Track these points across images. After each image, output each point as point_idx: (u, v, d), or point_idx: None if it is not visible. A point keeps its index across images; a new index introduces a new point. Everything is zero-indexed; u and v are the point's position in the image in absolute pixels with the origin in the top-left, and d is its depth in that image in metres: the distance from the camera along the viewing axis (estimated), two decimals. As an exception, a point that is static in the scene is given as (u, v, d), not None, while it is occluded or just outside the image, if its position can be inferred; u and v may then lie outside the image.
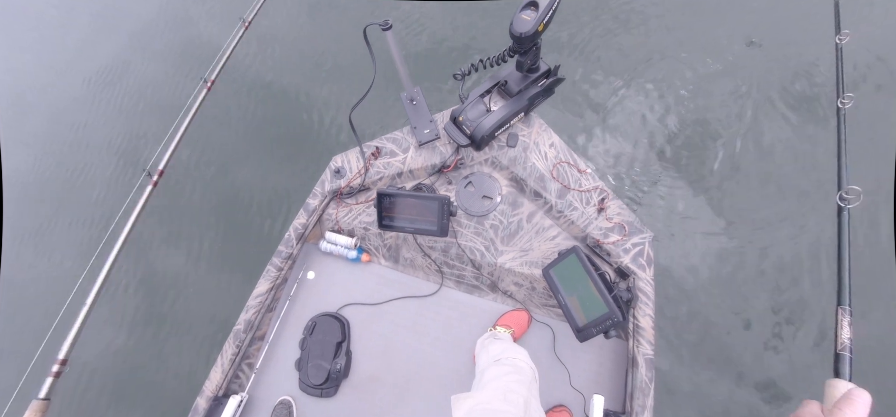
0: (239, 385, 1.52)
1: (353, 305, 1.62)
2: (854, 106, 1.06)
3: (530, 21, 1.24)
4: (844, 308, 0.75)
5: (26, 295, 2.84)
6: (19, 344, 2.66)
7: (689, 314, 2.13)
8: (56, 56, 4.10)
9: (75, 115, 3.58)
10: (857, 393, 0.55)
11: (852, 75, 2.58)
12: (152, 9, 4.06)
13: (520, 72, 1.49)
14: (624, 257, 1.41)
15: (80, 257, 2.85)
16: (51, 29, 4.38)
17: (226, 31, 1.78)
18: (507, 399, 0.99)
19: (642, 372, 1.29)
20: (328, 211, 1.69)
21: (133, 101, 3.50)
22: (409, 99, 1.68)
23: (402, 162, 1.65)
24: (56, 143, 3.46)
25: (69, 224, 3.03)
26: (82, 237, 2.94)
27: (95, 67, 3.80)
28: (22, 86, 3.99)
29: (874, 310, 1.98)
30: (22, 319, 2.76)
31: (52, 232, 3.03)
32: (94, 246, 1.25)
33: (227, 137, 3.13)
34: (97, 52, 3.93)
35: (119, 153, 3.24)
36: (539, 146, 1.59)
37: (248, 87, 3.33)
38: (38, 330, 2.62)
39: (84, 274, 1.19)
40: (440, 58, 3.14)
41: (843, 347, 0.70)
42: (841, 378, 0.67)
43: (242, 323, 1.50)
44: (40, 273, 2.88)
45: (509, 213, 1.58)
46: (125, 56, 3.80)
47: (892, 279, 1.98)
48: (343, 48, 3.36)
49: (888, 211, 2.12)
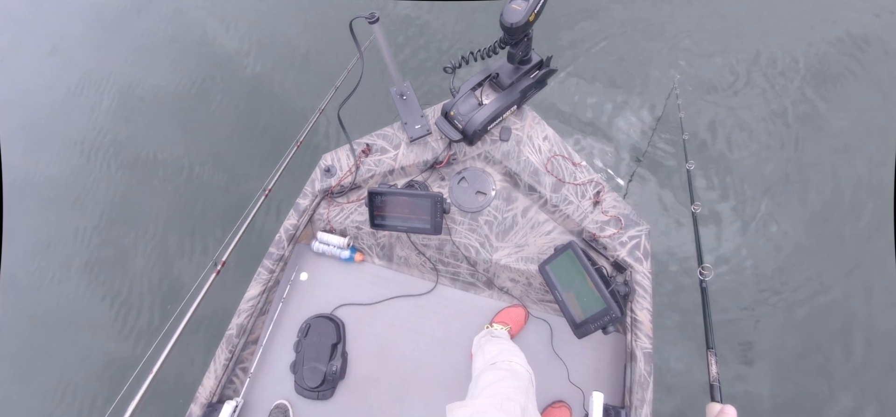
0: (233, 390, 1.49)
1: (347, 306, 1.59)
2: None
3: (521, 11, 1.20)
4: (712, 350, 1.00)
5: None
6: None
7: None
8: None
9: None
10: (729, 410, 0.82)
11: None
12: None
13: (511, 64, 1.45)
14: (620, 250, 1.39)
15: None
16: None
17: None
18: (504, 408, 0.97)
19: (641, 366, 1.28)
20: (319, 211, 1.66)
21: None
22: (399, 94, 1.64)
23: (393, 158, 1.61)
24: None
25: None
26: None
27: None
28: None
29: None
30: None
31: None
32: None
33: (218, 131, 3.08)
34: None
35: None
36: (532, 139, 1.56)
37: (236, 82, 3.27)
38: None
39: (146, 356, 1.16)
40: (430, 51, 3.09)
41: (714, 379, 0.95)
42: (715, 401, 0.91)
43: (235, 328, 1.48)
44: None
45: (504, 209, 1.55)
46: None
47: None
48: (329, 42, 3.30)
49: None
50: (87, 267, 2.85)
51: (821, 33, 2.76)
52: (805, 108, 2.55)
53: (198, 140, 3.15)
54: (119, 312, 2.67)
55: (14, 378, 2.65)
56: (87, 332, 2.66)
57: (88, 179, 3.19)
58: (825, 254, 2.15)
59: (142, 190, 3.05)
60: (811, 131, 2.48)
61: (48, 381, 2.58)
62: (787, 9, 2.90)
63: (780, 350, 2.01)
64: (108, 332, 2.62)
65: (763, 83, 2.67)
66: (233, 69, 3.40)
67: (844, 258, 2.13)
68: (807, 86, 2.61)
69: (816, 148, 2.43)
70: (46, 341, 2.71)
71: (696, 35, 2.88)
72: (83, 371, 2.56)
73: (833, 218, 2.23)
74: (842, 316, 2.03)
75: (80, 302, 2.75)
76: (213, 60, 3.48)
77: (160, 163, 3.12)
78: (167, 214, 2.92)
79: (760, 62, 2.74)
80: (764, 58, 2.75)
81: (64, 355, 2.63)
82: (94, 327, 2.66)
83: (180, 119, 3.27)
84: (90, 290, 2.77)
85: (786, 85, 2.63)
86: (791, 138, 2.47)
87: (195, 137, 3.17)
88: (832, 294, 2.07)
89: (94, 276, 2.81)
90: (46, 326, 2.75)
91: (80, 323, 2.70)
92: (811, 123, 2.50)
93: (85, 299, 2.75)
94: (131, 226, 2.92)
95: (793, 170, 2.38)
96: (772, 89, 2.64)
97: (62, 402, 2.50)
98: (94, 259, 2.87)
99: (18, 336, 2.77)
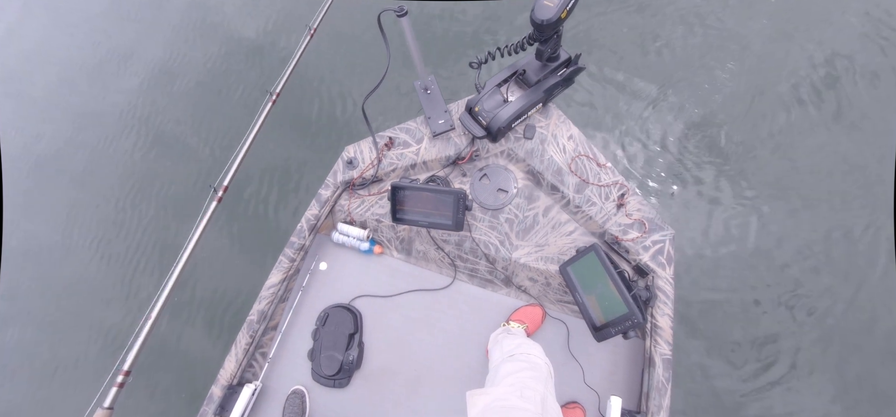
0: (253, 374, 1.53)
1: (365, 297, 1.61)
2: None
3: (553, 7, 1.18)
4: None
5: (85, 298, 2.86)
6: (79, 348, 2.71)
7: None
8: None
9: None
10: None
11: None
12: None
13: (539, 61, 1.43)
14: (643, 255, 1.37)
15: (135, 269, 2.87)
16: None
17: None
18: (524, 396, 0.97)
19: (659, 372, 1.27)
20: (340, 203, 1.67)
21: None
22: (424, 88, 1.63)
23: (415, 153, 1.61)
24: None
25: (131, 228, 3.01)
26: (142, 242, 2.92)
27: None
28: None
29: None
30: (83, 324, 2.79)
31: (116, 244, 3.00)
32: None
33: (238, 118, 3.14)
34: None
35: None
36: (557, 138, 1.54)
37: (260, 69, 3.31)
38: (95, 334, 2.68)
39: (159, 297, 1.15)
40: (456, 45, 3.05)
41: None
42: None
43: (256, 313, 1.51)
44: (96, 275, 2.91)
45: (525, 207, 1.54)
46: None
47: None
48: (356, 32, 3.30)
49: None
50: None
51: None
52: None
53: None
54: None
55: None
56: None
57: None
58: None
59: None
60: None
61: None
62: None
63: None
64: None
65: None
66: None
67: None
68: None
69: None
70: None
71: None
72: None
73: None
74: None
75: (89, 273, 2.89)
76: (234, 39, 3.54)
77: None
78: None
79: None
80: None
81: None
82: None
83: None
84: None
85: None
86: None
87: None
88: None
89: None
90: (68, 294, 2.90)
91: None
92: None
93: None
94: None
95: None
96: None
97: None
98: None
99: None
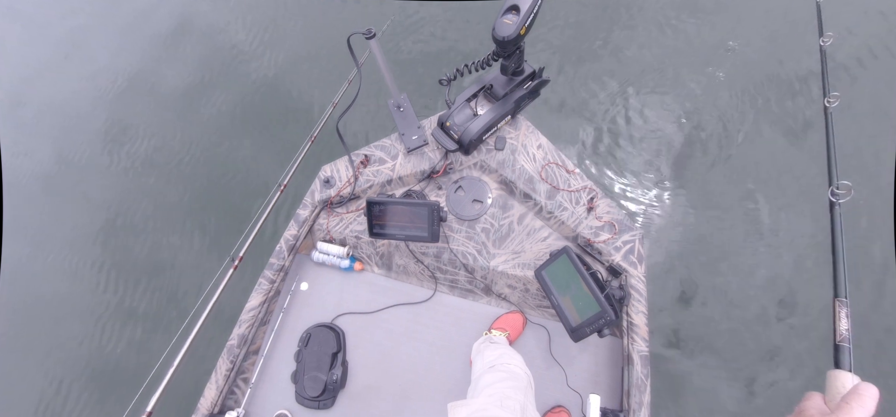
0: (235, 400, 1.50)
1: (347, 315, 1.61)
2: (839, 105, 1.07)
3: (512, 25, 1.24)
4: (841, 300, 0.74)
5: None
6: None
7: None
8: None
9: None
10: (865, 388, 0.53)
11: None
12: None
13: (505, 76, 1.49)
14: (615, 255, 1.42)
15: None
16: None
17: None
18: (504, 406, 0.99)
19: (638, 369, 1.30)
20: (319, 222, 1.69)
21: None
22: (397, 105, 1.68)
23: (391, 169, 1.64)
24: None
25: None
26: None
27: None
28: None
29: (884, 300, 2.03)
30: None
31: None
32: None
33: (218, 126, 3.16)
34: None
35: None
36: (527, 148, 1.59)
37: (239, 84, 3.36)
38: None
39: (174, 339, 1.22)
40: (426, 63, 3.15)
41: (842, 338, 0.69)
42: (842, 368, 0.66)
43: (236, 338, 1.49)
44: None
45: (500, 216, 1.58)
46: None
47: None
48: (329, 54, 3.39)
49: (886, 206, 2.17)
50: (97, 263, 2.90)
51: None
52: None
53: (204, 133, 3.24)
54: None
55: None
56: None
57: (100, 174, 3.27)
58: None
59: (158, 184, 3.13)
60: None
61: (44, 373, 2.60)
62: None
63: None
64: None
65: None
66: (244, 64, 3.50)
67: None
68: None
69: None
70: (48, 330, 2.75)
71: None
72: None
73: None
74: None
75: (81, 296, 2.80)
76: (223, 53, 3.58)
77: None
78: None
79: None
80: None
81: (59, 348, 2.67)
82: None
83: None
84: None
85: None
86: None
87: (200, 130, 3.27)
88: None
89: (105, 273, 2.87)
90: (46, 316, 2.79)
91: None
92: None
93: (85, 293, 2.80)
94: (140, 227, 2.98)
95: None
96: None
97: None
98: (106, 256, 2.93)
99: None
